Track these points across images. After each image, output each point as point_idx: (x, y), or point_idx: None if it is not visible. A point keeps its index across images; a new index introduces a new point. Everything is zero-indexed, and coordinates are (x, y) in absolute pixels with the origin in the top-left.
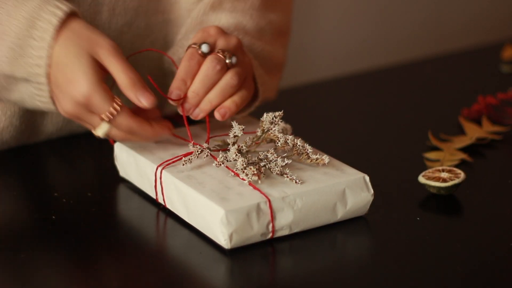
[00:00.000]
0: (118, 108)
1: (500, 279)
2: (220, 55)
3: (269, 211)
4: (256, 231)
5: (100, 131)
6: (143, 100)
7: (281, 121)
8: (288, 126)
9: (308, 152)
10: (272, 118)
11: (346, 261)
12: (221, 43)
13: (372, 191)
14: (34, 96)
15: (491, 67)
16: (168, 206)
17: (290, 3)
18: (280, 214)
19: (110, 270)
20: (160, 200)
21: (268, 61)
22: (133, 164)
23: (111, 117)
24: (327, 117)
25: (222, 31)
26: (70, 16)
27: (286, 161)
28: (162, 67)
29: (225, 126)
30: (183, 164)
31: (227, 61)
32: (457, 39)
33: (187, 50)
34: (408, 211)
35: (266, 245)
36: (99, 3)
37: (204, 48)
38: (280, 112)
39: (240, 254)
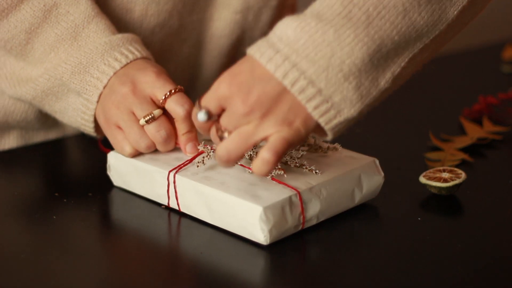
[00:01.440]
0: (179, 90)
1: (500, 279)
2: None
3: (299, 203)
4: (290, 224)
5: (157, 111)
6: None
7: None
8: None
9: (317, 142)
10: None
11: (350, 261)
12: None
13: (382, 173)
14: (78, 111)
15: (491, 67)
16: (183, 210)
17: None
18: (309, 205)
19: (111, 271)
20: (173, 205)
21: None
22: (133, 173)
23: (174, 92)
24: None
25: (241, 89)
26: (144, 57)
27: (302, 153)
28: (194, 64)
29: None
30: (198, 166)
31: (225, 135)
32: (457, 39)
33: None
34: (409, 211)
35: (296, 237)
36: (131, 1)
37: (200, 117)
38: None
39: (273, 248)
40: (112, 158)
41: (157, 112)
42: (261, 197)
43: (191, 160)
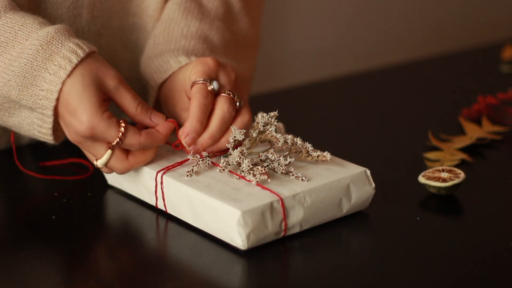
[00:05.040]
0: (123, 130)
1: (500, 279)
2: (231, 97)
3: (281, 209)
4: (270, 230)
5: (104, 158)
6: (156, 119)
7: (277, 121)
8: (280, 125)
9: (309, 150)
10: (268, 119)
11: (351, 261)
12: (223, 78)
13: (373, 184)
14: (34, 125)
15: (491, 67)
16: (170, 211)
17: (258, 13)
18: (292, 212)
19: (111, 270)
20: (160, 206)
21: None
22: None
23: (120, 142)
24: (326, 117)
25: (220, 63)
26: (89, 54)
27: (289, 160)
28: (134, 69)
29: None
30: (187, 175)
31: (237, 104)
32: (457, 39)
33: (194, 85)
34: (408, 211)
35: (278, 244)
36: (78, 6)
37: (215, 85)
38: (275, 112)
39: (253, 255)
40: None
41: (102, 161)
42: (241, 201)
43: (180, 163)
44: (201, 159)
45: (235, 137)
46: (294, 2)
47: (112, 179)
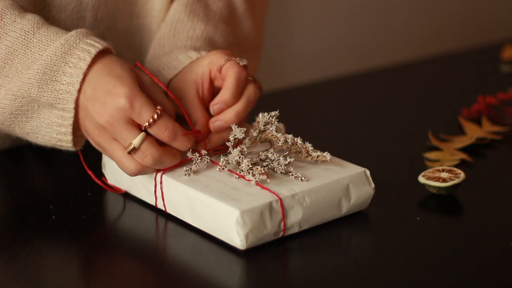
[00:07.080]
0: (159, 113)
1: (500, 279)
2: (256, 82)
3: (280, 209)
4: (269, 230)
5: (137, 141)
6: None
7: (277, 121)
8: (281, 125)
9: (309, 150)
10: (268, 118)
11: (350, 261)
12: None
13: (373, 185)
14: (53, 125)
15: (491, 67)
16: (169, 211)
17: (261, 16)
18: (291, 212)
19: (111, 270)
20: (160, 206)
21: None
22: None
23: (153, 122)
24: (326, 117)
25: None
26: (106, 51)
27: (289, 160)
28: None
29: None
30: (186, 174)
31: None
32: (457, 39)
33: (223, 65)
34: (408, 211)
35: (277, 245)
36: (82, 9)
37: (245, 62)
38: (276, 112)
39: (252, 255)
40: (106, 156)
41: (137, 141)
42: (240, 201)
43: (179, 164)
44: (200, 157)
45: (235, 135)
46: (296, 3)
47: (112, 179)
